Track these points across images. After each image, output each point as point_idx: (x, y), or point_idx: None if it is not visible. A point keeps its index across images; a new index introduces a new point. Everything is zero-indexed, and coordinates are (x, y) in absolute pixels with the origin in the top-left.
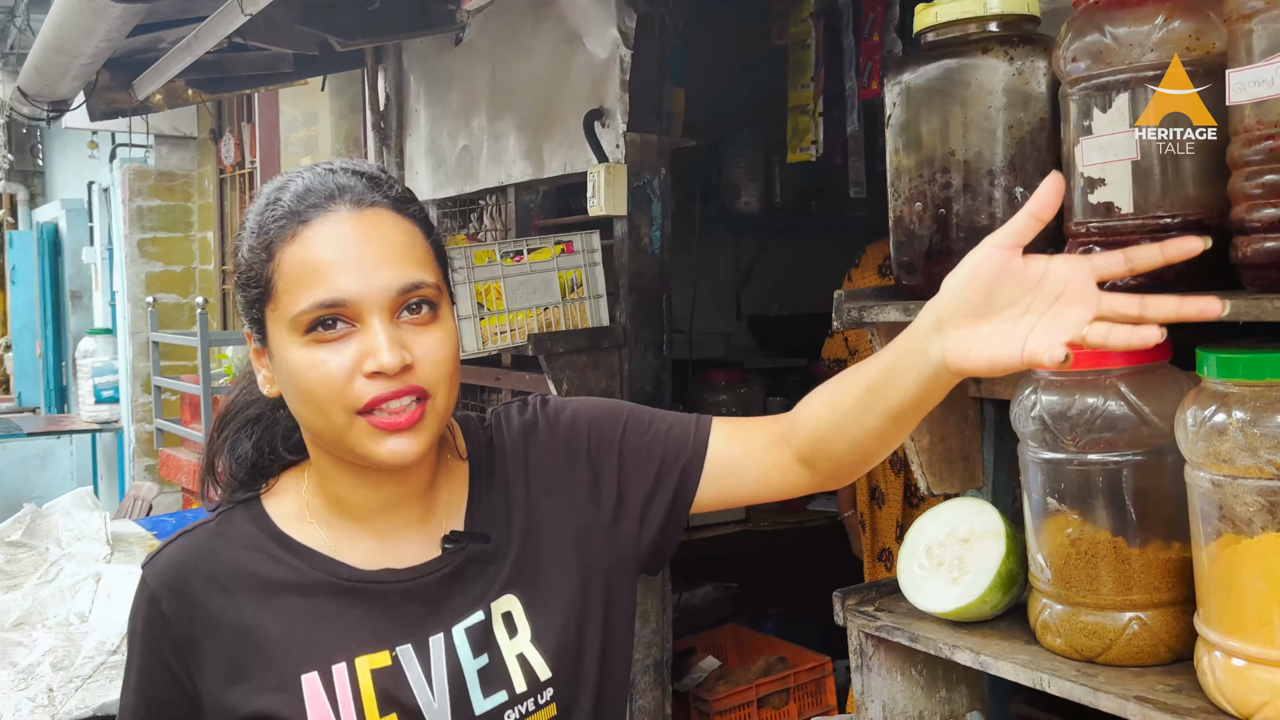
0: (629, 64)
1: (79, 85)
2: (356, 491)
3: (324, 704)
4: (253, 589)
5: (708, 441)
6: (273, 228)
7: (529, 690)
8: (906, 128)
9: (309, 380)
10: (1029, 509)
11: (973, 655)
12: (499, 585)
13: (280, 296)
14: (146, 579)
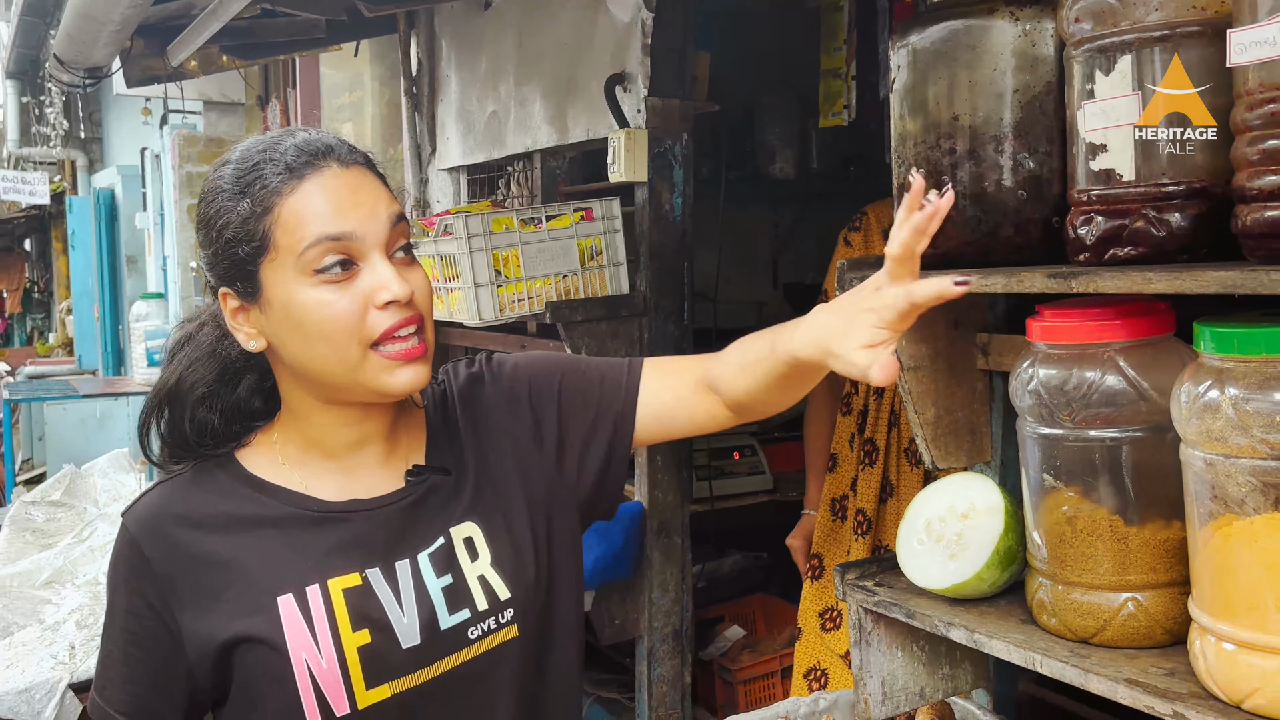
0: (650, 27)
1: (113, 52)
2: (333, 431)
3: (300, 622)
4: (227, 525)
5: (639, 388)
6: (271, 182)
7: (490, 609)
8: (911, 91)
9: (322, 318)
10: (1026, 486)
11: (967, 633)
12: (459, 512)
13: (280, 245)
14: (127, 525)
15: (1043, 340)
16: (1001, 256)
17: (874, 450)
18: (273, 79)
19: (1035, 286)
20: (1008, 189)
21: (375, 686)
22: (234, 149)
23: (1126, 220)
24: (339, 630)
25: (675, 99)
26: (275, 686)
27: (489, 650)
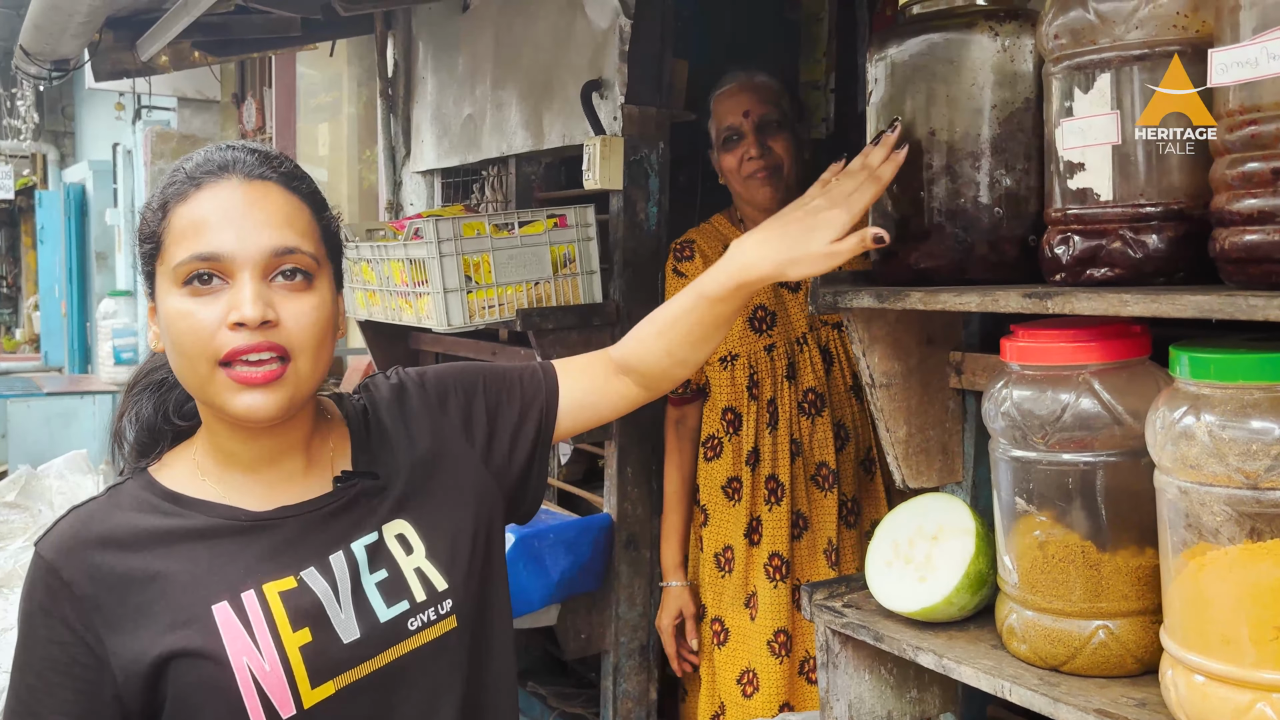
0: (629, 34)
1: (81, 44)
2: (241, 445)
3: (238, 627)
4: (151, 541)
5: (558, 383)
6: (170, 189)
7: (428, 600)
8: (889, 105)
9: (180, 329)
10: (998, 509)
11: (935, 658)
12: (388, 511)
13: (167, 250)
14: (41, 553)
15: (1016, 361)
16: (977, 274)
17: (779, 487)
18: (248, 77)
19: (1010, 306)
20: (984, 206)
21: (320, 684)
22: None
23: (1104, 240)
24: (279, 631)
25: (652, 107)
26: (216, 696)
27: (430, 641)
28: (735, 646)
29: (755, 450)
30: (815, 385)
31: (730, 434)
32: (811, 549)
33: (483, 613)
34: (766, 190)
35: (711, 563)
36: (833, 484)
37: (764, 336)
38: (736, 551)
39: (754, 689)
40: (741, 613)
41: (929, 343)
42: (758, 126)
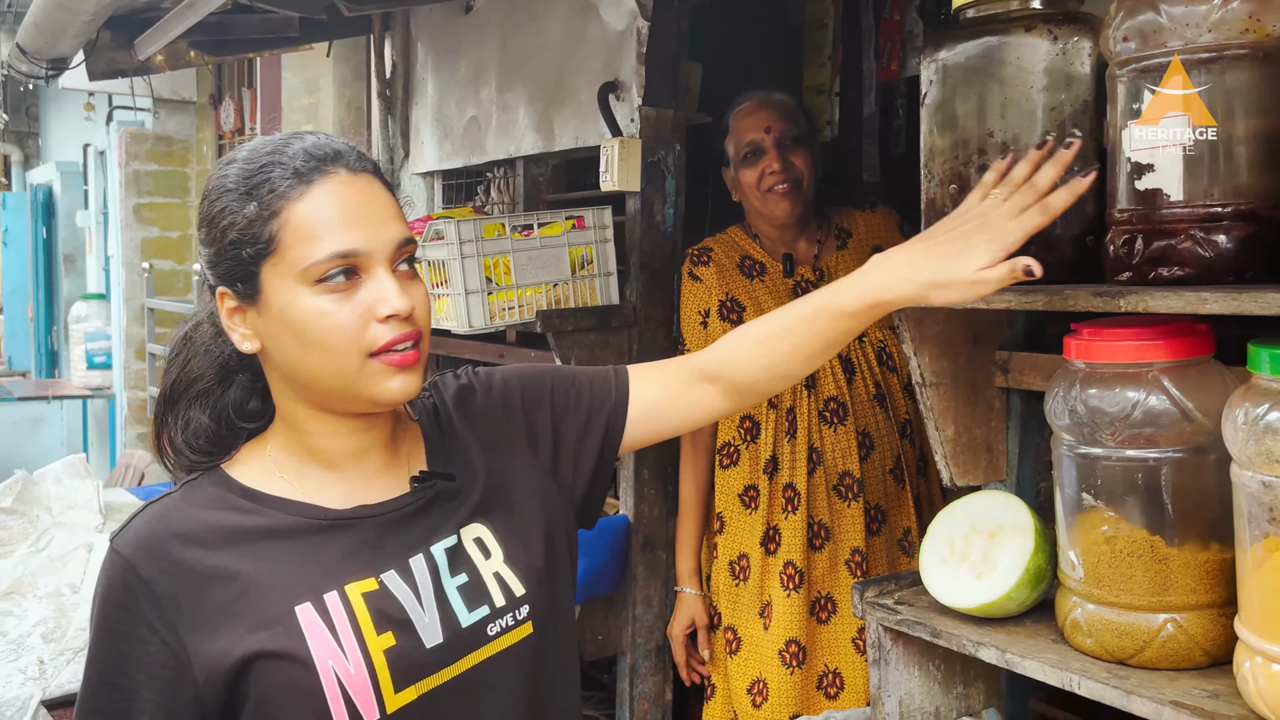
0: (646, 36)
1: (79, 43)
2: (331, 440)
3: (322, 630)
4: (230, 540)
5: (628, 389)
6: (278, 186)
7: (507, 605)
8: (943, 107)
9: (323, 328)
10: (1061, 505)
11: (998, 653)
12: (465, 515)
13: (287, 251)
14: (118, 549)
15: (1083, 359)
16: None
17: (796, 495)
18: (226, 78)
19: (1080, 305)
20: None
21: (403, 689)
22: (240, 149)
23: (1173, 240)
24: (363, 634)
25: (669, 109)
26: (300, 699)
27: (507, 648)
28: (747, 655)
29: (774, 459)
30: (836, 394)
31: (747, 442)
32: (833, 560)
33: (554, 619)
34: (786, 205)
35: (726, 570)
36: (857, 493)
37: None
38: (752, 560)
39: (763, 699)
40: (755, 622)
41: (976, 342)
42: (778, 142)
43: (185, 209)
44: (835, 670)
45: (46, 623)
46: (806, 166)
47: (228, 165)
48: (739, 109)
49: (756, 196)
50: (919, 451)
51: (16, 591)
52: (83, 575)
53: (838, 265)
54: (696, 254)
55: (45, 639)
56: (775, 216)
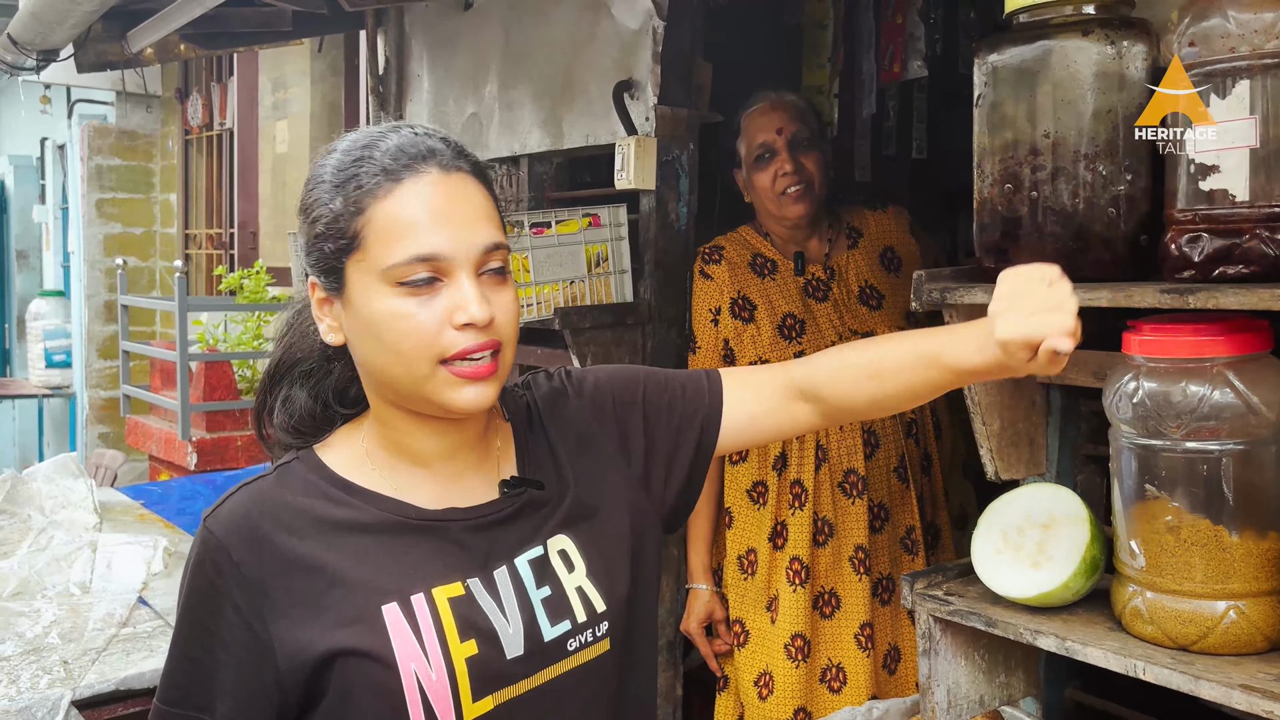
0: (662, 35)
1: (75, 34)
2: (419, 439)
3: (407, 632)
4: (321, 529)
5: (723, 396)
6: (366, 183)
7: (588, 621)
8: (997, 108)
9: (398, 330)
10: (1119, 495)
11: (1058, 641)
12: (552, 525)
13: (370, 248)
14: (211, 529)
15: (1144, 354)
16: (1090, 273)
17: (803, 492)
18: (194, 72)
19: (1146, 301)
20: (1098, 207)
21: (480, 699)
22: (342, 138)
23: (1238, 239)
24: (447, 640)
25: (684, 108)
26: (380, 700)
27: (585, 664)
28: (754, 648)
29: (783, 455)
30: None
31: None
32: (836, 556)
33: (632, 635)
34: (800, 207)
35: (735, 565)
36: (861, 491)
37: (794, 344)
38: (760, 555)
39: (769, 691)
40: (762, 615)
41: None
42: (790, 144)
43: (149, 205)
44: (838, 665)
45: (62, 623)
46: (818, 168)
47: (328, 155)
48: (751, 110)
49: (770, 198)
50: (923, 450)
51: (24, 592)
52: (90, 575)
53: (848, 264)
54: (708, 252)
55: (64, 638)
56: (788, 218)
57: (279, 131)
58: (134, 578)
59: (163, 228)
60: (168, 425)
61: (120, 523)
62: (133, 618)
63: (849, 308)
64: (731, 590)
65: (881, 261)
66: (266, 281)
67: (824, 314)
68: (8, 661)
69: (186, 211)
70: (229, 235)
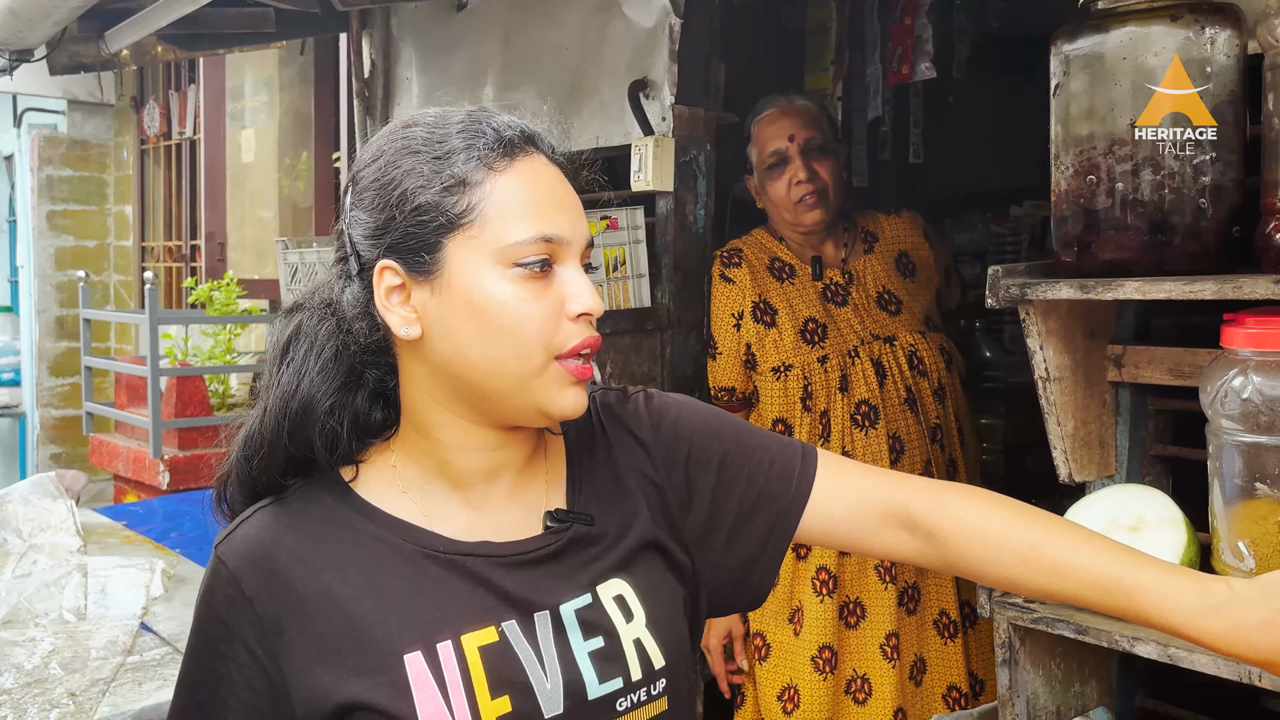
0: (679, 34)
1: (53, 33)
2: (466, 455)
3: (431, 686)
4: (341, 563)
5: (811, 486)
6: (485, 155)
7: (644, 678)
8: (1077, 99)
9: (518, 314)
10: (1219, 495)
11: (1159, 649)
12: (605, 568)
13: (487, 224)
14: (223, 558)
15: (1251, 347)
16: (1177, 265)
17: None
18: (150, 80)
19: (1259, 293)
20: (1188, 198)
21: None
22: (417, 116)
23: None
24: (476, 696)
25: (701, 108)
26: None
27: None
28: (777, 662)
29: None
30: (869, 398)
31: None
32: (861, 565)
33: (687, 700)
34: (816, 214)
35: None
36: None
37: (816, 348)
38: (783, 566)
39: (795, 706)
40: (785, 628)
41: (1091, 336)
42: (803, 150)
43: (103, 216)
44: (864, 676)
45: (61, 652)
46: (832, 174)
47: (408, 129)
48: (761, 116)
49: (785, 206)
50: (948, 456)
51: (16, 620)
52: (84, 600)
53: (865, 269)
54: (727, 255)
55: (66, 669)
56: (803, 225)
57: (244, 140)
58: (133, 602)
59: (117, 240)
60: (136, 443)
61: (106, 545)
62: (138, 645)
63: (868, 312)
64: None
65: (897, 266)
66: (238, 293)
67: (844, 318)
68: (10, 695)
69: (143, 223)
70: (190, 247)
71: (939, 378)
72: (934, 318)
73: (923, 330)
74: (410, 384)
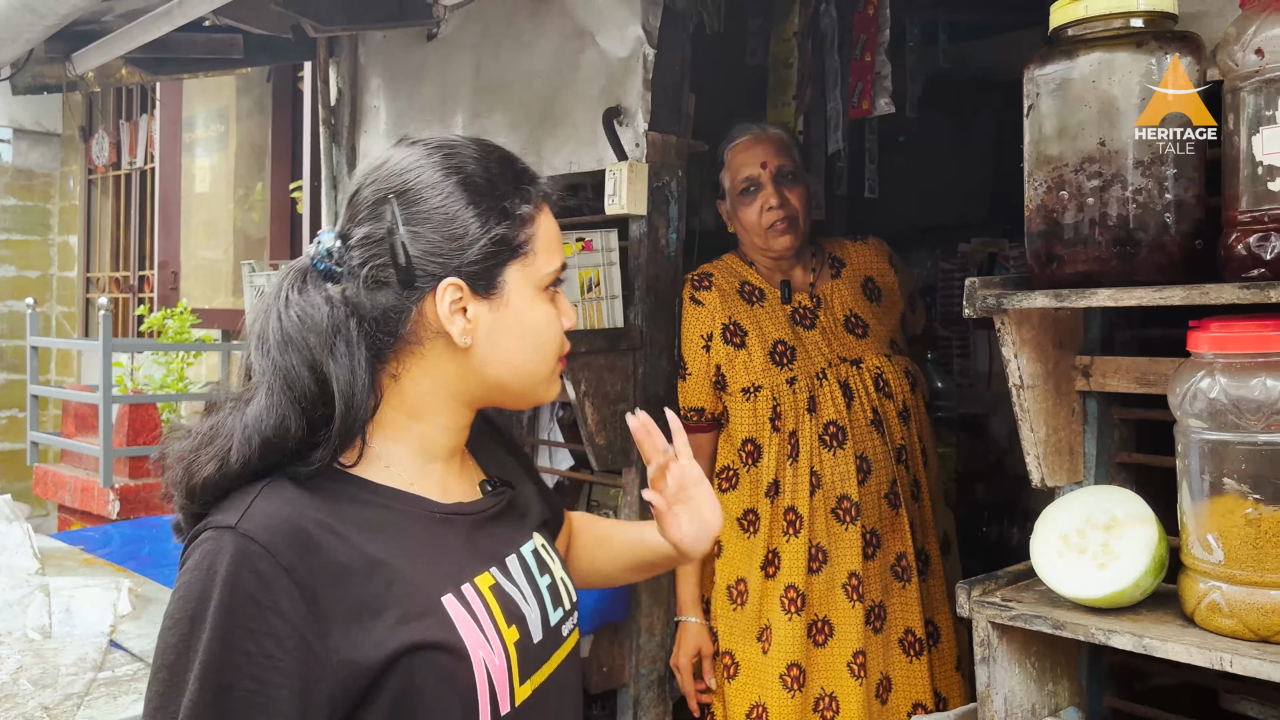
0: (652, 63)
1: (22, 52)
2: (448, 434)
3: (469, 621)
4: (366, 527)
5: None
6: (534, 198)
7: (571, 609)
8: (1051, 118)
9: (551, 330)
10: (1188, 491)
11: (1134, 639)
12: (530, 525)
13: (538, 256)
14: (251, 534)
15: (1215, 350)
16: (1145, 276)
17: (798, 518)
18: (100, 109)
19: (1224, 298)
20: (1154, 212)
21: (525, 682)
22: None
23: None
24: (499, 626)
25: (673, 135)
26: (451, 690)
27: (572, 649)
28: (745, 680)
29: (775, 482)
30: (836, 418)
31: (748, 465)
32: (829, 583)
33: None
34: (786, 240)
35: (724, 595)
36: (854, 517)
37: (785, 370)
38: (751, 584)
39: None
40: (753, 646)
41: (1060, 347)
42: (775, 177)
43: (46, 247)
44: (831, 694)
45: (29, 669)
46: (802, 201)
47: (453, 157)
48: (735, 143)
49: (756, 231)
50: (912, 476)
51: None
52: (48, 619)
53: (833, 293)
54: (697, 279)
55: (36, 685)
56: (774, 250)
57: (198, 170)
58: (101, 621)
59: (60, 271)
60: (84, 473)
61: (65, 568)
62: (108, 661)
63: (836, 335)
64: (720, 621)
65: (864, 291)
66: (192, 322)
67: (812, 341)
68: None
69: (88, 253)
70: (139, 277)
71: (904, 399)
72: (899, 341)
73: (888, 353)
74: (427, 378)
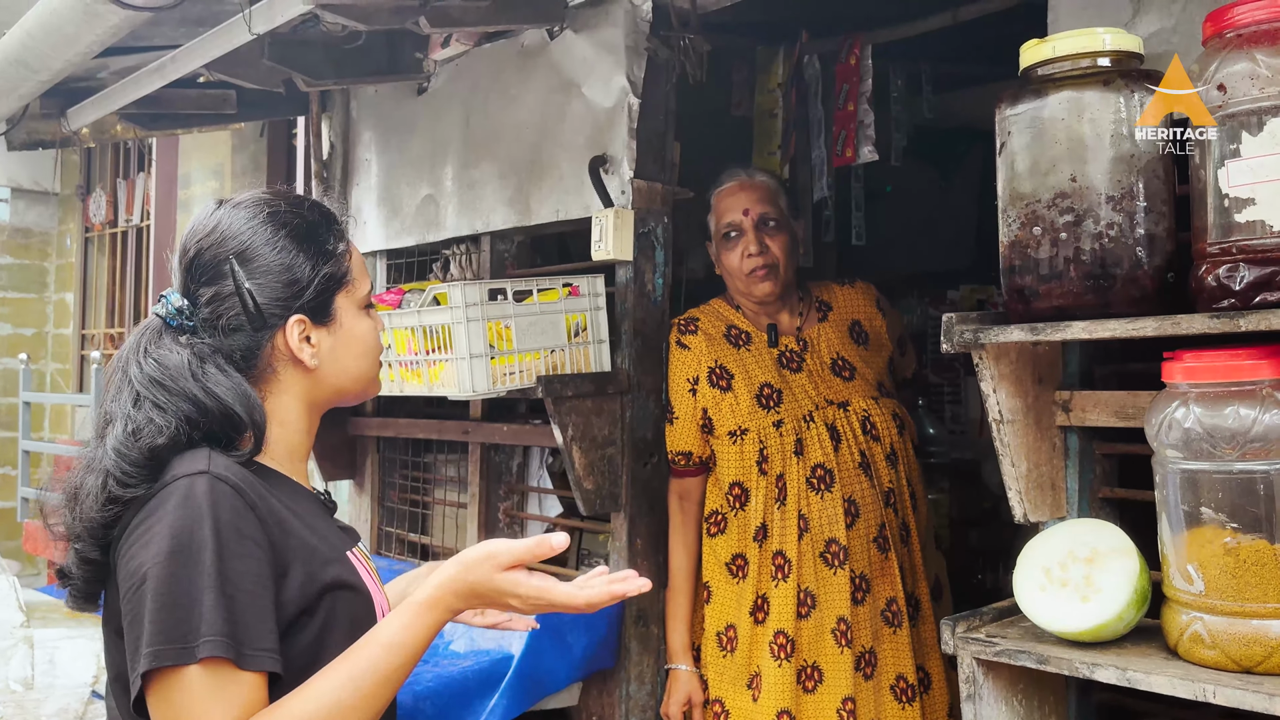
0: (637, 112)
1: (16, 108)
2: (308, 437)
3: (365, 572)
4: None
5: None
6: (343, 229)
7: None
8: (1023, 156)
9: (376, 341)
10: (1168, 522)
11: (1118, 672)
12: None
13: (356, 281)
14: (221, 476)
15: (1188, 380)
16: (1119, 309)
17: (786, 563)
18: (98, 168)
19: (1195, 328)
20: (1126, 246)
21: None
22: (264, 199)
23: (1278, 267)
24: (379, 585)
25: (659, 182)
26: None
27: None
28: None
29: (763, 526)
30: (824, 461)
31: (736, 509)
32: (819, 629)
33: None
34: (766, 286)
35: (714, 642)
36: (843, 560)
37: (772, 413)
38: (740, 630)
39: None
40: (743, 693)
41: (1040, 382)
42: (757, 225)
43: (42, 304)
44: None
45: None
46: (783, 249)
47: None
48: (722, 189)
49: (738, 276)
50: (901, 520)
51: None
52: (31, 670)
53: (820, 337)
54: (684, 324)
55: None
56: (755, 295)
57: None
58: (84, 671)
59: (56, 329)
60: None
61: (50, 620)
62: (89, 712)
63: (823, 378)
64: (710, 668)
65: (851, 334)
66: None
67: (799, 384)
68: None
69: (84, 310)
70: None
71: (891, 442)
72: (886, 384)
73: (875, 396)
74: (286, 394)
